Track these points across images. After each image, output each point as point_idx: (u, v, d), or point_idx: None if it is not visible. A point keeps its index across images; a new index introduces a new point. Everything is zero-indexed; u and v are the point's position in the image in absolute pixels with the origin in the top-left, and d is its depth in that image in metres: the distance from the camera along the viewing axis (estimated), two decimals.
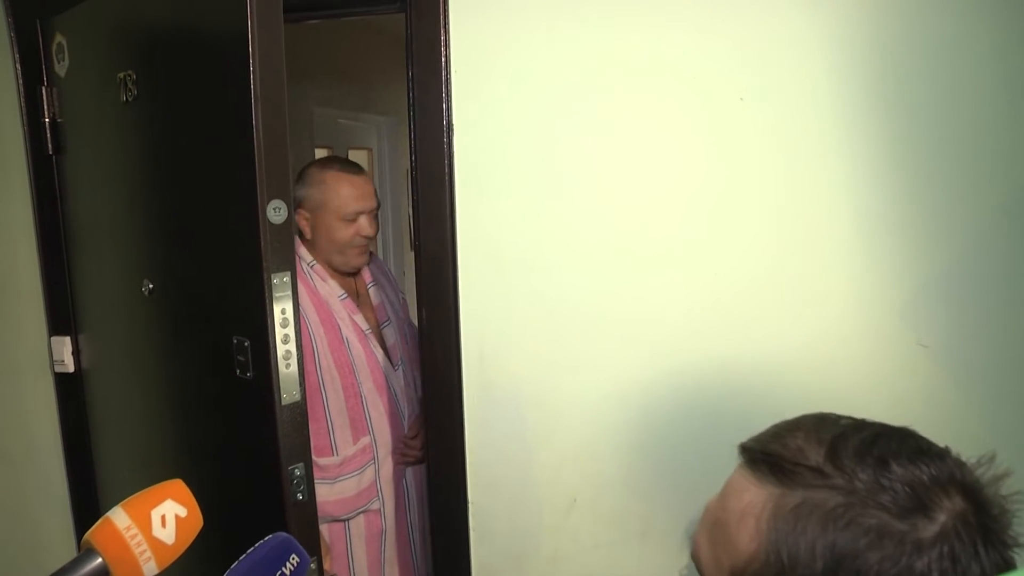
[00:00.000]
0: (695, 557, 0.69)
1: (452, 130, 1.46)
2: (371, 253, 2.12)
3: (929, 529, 0.55)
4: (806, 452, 0.62)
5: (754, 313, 1.41)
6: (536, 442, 1.57)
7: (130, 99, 1.56)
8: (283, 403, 1.32)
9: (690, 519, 1.51)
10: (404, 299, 2.18)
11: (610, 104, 1.42)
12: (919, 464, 0.58)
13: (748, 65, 1.34)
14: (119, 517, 0.70)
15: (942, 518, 0.56)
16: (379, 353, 1.93)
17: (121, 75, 1.56)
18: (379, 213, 1.97)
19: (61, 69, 1.80)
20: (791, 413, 0.70)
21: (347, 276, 1.97)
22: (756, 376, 1.42)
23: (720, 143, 1.39)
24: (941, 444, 0.63)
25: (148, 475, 1.77)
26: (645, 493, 1.54)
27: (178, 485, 0.76)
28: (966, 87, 1.27)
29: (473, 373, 1.56)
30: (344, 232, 1.86)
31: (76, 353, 2.01)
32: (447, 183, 1.48)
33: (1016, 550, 0.58)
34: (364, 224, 1.88)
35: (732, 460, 0.71)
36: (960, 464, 0.60)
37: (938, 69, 1.28)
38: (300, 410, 1.35)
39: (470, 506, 1.61)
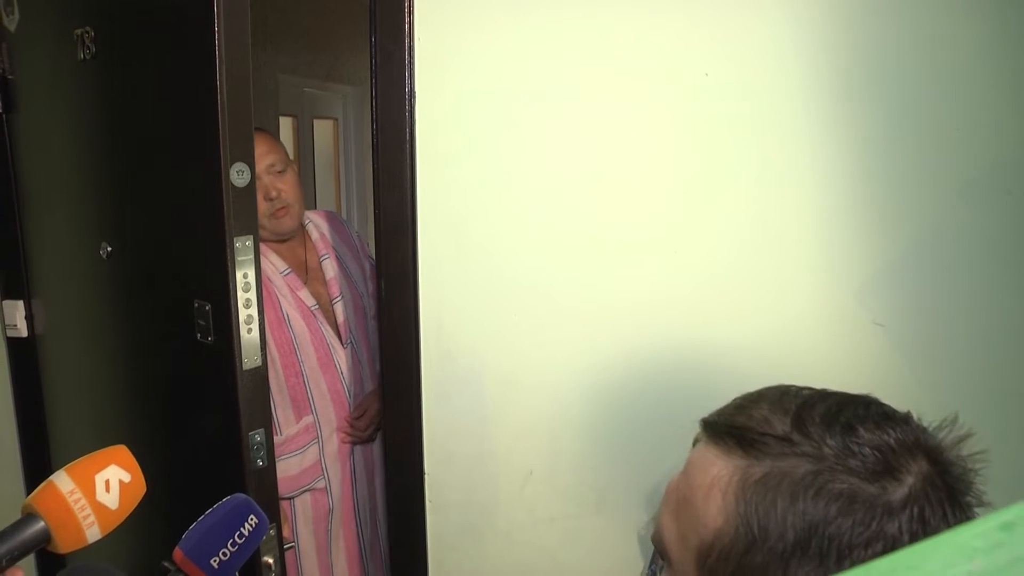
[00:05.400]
0: (657, 540, 0.66)
1: (414, 98, 1.45)
2: (337, 219, 2.08)
3: (898, 492, 0.55)
4: (772, 422, 0.60)
5: (716, 296, 1.43)
6: (493, 415, 1.58)
7: (88, 57, 1.52)
8: (245, 368, 1.31)
9: (644, 493, 1.53)
10: (375, 270, 2.13)
11: (578, 84, 1.41)
12: (885, 429, 0.58)
13: (715, 42, 1.35)
14: (63, 481, 0.70)
15: (910, 480, 0.56)
16: (327, 331, 1.90)
17: (78, 32, 1.52)
18: (299, 172, 1.87)
19: (11, 24, 1.75)
20: (746, 391, 0.69)
21: (295, 249, 1.93)
22: (713, 357, 1.44)
23: (687, 124, 1.39)
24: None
25: (103, 441, 1.74)
26: (600, 467, 1.55)
27: (122, 451, 0.76)
28: (928, 72, 1.29)
29: (431, 344, 1.55)
30: None
31: (30, 317, 1.97)
32: (408, 152, 1.46)
33: (979, 510, 0.58)
34: (267, 183, 1.82)
35: (685, 436, 0.70)
36: (922, 429, 0.60)
37: (901, 53, 1.29)
38: (261, 375, 1.34)
39: (426, 477, 1.62)
